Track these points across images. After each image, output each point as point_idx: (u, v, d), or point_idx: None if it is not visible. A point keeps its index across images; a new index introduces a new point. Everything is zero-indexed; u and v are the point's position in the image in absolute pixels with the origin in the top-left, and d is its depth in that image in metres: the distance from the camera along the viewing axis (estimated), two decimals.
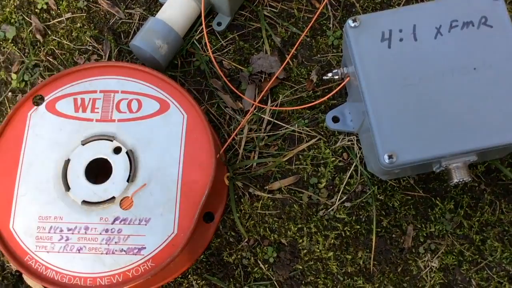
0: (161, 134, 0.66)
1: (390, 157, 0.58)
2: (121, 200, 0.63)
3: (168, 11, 0.77)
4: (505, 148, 0.61)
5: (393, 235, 0.70)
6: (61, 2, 0.85)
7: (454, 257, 0.69)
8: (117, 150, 0.65)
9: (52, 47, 0.82)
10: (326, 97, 0.74)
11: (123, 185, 0.64)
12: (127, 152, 0.65)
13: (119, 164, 0.64)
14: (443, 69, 0.61)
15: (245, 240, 0.71)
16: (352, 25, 0.64)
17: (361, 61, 0.62)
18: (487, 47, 0.62)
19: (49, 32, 0.83)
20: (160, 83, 0.68)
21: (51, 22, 0.84)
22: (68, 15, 0.84)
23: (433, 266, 0.68)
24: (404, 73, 0.61)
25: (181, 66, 0.80)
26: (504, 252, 0.68)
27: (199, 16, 0.79)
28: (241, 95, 0.76)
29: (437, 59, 0.62)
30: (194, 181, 0.63)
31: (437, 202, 0.71)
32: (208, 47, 0.74)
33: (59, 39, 0.83)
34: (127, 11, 0.84)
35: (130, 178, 0.64)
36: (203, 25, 0.72)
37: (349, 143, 0.74)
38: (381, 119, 0.60)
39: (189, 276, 0.70)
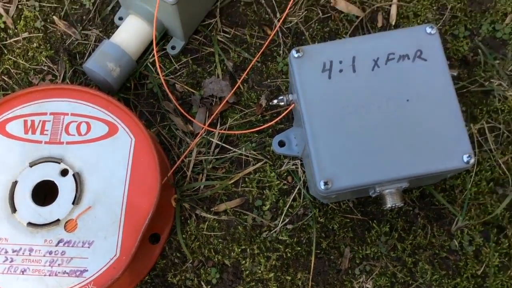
0: (109, 157, 0.66)
1: (325, 183, 0.60)
2: (65, 223, 0.64)
3: (122, 35, 0.77)
4: (436, 175, 0.64)
5: (331, 257, 0.72)
6: (18, 21, 0.85)
7: (387, 278, 0.71)
8: (64, 173, 0.66)
9: (7, 66, 0.82)
10: (273, 122, 0.75)
11: (68, 207, 0.64)
12: (73, 175, 0.66)
13: (65, 187, 0.65)
14: (379, 100, 0.63)
15: (190, 261, 0.72)
16: (296, 55, 0.65)
17: (303, 90, 0.64)
18: (421, 79, 0.64)
19: (5, 51, 0.83)
20: (109, 106, 0.68)
21: (7, 42, 0.84)
22: (25, 34, 0.84)
23: (368, 287, 0.71)
24: (343, 103, 0.63)
25: (135, 88, 0.80)
26: (434, 275, 0.71)
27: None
28: (191, 118, 0.78)
29: (374, 90, 0.64)
30: (139, 204, 0.64)
31: (374, 225, 0.73)
32: (159, 72, 0.75)
33: (15, 59, 0.83)
34: (84, 32, 0.84)
35: (76, 201, 0.65)
36: (155, 51, 0.73)
37: (294, 167, 0.76)
38: (319, 147, 0.62)
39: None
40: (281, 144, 0.74)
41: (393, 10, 0.84)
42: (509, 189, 0.74)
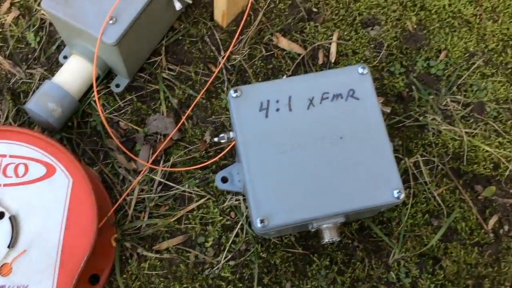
0: (46, 198, 0.66)
1: (262, 221, 0.61)
2: (0, 267, 0.63)
3: (65, 74, 0.78)
4: (371, 210, 0.66)
5: None
6: None
7: None
8: (0, 216, 0.65)
9: None
10: (215, 159, 0.77)
11: (4, 251, 0.63)
12: (10, 218, 0.65)
13: (0, 230, 0.64)
14: (313, 138, 0.65)
15: None
16: (234, 95, 0.67)
17: (240, 129, 0.66)
18: (353, 117, 0.66)
19: None
20: (47, 147, 0.68)
21: None
22: None
23: None
24: (279, 142, 0.65)
25: (78, 127, 0.81)
26: None
27: (98, 78, 0.81)
28: (133, 156, 0.78)
29: (309, 129, 0.66)
30: (75, 246, 0.64)
31: (315, 258, 0.75)
32: (100, 111, 0.76)
33: None
34: (28, 71, 0.84)
35: (11, 244, 0.64)
36: (95, 92, 0.73)
37: (237, 202, 0.77)
38: (256, 185, 0.63)
39: None
40: (224, 180, 0.75)
41: (333, 48, 0.87)
42: (444, 221, 0.76)
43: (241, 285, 0.72)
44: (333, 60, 0.86)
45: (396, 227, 0.76)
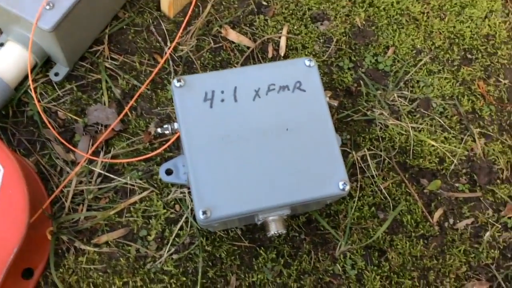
0: None
1: (204, 212, 0.60)
2: None
3: None
4: (317, 202, 0.65)
5: (218, 286, 0.71)
6: None
7: None
8: None
9: None
10: (158, 150, 0.75)
11: None
12: None
13: None
14: (259, 129, 0.64)
15: None
16: (177, 84, 0.65)
17: (184, 119, 0.64)
18: (300, 109, 0.66)
19: None
20: None
21: None
22: None
23: None
24: (223, 132, 0.64)
25: (13, 116, 0.77)
26: None
27: (35, 66, 0.77)
28: (71, 147, 0.75)
29: (254, 120, 0.65)
30: (5, 239, 0.61)
31: (261, 251, 0.73)
32: (36, 100, 0.73)
33: None
34: None
35: None
36: (30, 80, 0.70)
37: (182, 195, 0.75)
38: (199, 176, 0.62)
39: None
40: (169, 172, 0.73)
41: (283, 42, 0.87)
42: (390, 214, 0.77)
43: (184, 279, 0.70)
44: (282, 54, 0.86)
45: (343, 220, 0.76)
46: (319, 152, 0.63)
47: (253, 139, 0.63)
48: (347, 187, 0.61)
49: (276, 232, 0.63)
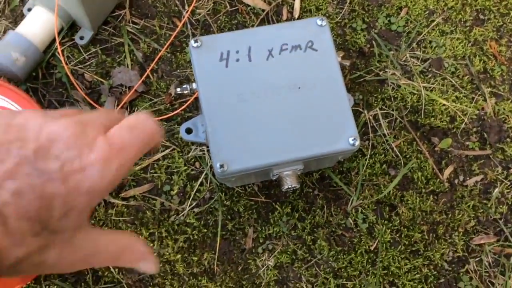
0: None
1: (221, 166, 0.65)
2: None
3: (28, 25, 0.79)
4: (329, 158, 0.70)
5: (236, 237, 0.78)
6: None
7: (288, 256, 0.77)
8: None
9: None
10: (179, 110, 0.80)
11: None
12: None
13: None
14: (272, 87, 0.69)
15: None
16: (194, 45, 0.70)
17: (201, 79, 0.69)
18: (312, 68, 0.70)
19: None
20: (13, 96, 0.71)
21: None
22: None
23: (269, 265, 0.77)
24: (239, 90, 0.69)
25: (43, 78, 0.83)
26: (330, 251, 0.78)
27: (61, 30, 0.83)
28: (98, 107, 0.81)
29: (268, 79, 0.69)
30: None
31: (277, 206, 0.79)
32: (63, 62, 0.78)
33: None
34: None
35: None
36: (57, 43, 0.76)
37: (201, 153, 0.81)
38: (215, 131, 0.67)
39: (42, 281, 0.74)
40: (188, 131, 0.78)
41: (297, 4, 0.91)
42: (400, 170, 0.82)
43: (205, 230, 0.76)
44: (296, 16, 0.90)
45: (355, 177, 0.81)
46: (330, 109, 0.67)
47: (267, 97, 0.68)
48: (357, 143, 0.66)
49: (290, 187, 0.69)
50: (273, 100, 0.68)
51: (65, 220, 0.28)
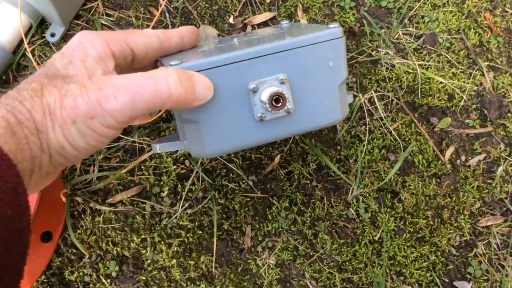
0: None
1: None
2: None
3: None
4: (316, 57, 0.53)
5: (234, 237, 0.77)
6: None
7: (289, 252, 0.77)
8: None
9: None
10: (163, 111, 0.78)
11: None
12: None
13: None
14: None
15: (87, 257, 0.74)
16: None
17: None
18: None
19: None
20: None
21: None
22: None
23: (270, 263, 0.76)
24: None
25: (14, 80, 0.81)
26: (333, 244, 0.78)
27: (31, 27, 0.80)
28: None
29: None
30: None
31: (274, 201, 0.79)
32: (34, 63, 0.76)
33: None
34: None
35: None
36: (25, 42, 0.73)
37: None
38: None
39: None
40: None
41: None
42: (400, 155, 0.82)
43: (200, 232, 0.76)
44: None
45: (354, 165, 0.81)
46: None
47: None
48: (339, 30, 0.53)
49: (273, 93, 0.51)
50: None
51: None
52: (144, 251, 0.75)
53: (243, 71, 0.51)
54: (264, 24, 0.86)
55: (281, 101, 0.51)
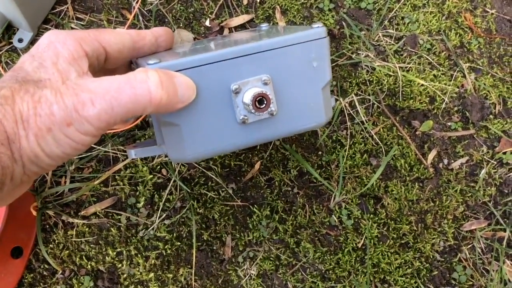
0: None
1: None
2: None
3: None
4: (297, 53, 0.52)
5: (214, 247, 0.77)
6: None
7: (271, 262, 0.77)
8: None
9: None
10: (141, 118, 0.78)
11: None
12: None
13: None
14: None
15: (60, 273, 0.73)
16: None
17: None
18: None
19: None
20: None
21: None
22: None
23: (252, 274, 0.76)
24: None
25: None
26: (316, 252, 0.78)
27: None
28: None
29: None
30: None
31: (255, 209, 0.78)
32: (1, 70, 0.74)
33: None
34: None
35: None
36: None
37: (167, 158, 0.79)
38: None
39: None
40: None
41: None
42: (382, 159, 0.82)
43: (179, 243, 0.75)
44: (258, 0, 0.88)
45: (335, 170, 0.81)
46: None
47: None
48: (323, 30, 0.53)
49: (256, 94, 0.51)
50: None
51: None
52: (120, 265, 0.74)
53: (225, 72, 0.50)
54: (242, 26, 0.86)
55: (265, 102, 0.50)
